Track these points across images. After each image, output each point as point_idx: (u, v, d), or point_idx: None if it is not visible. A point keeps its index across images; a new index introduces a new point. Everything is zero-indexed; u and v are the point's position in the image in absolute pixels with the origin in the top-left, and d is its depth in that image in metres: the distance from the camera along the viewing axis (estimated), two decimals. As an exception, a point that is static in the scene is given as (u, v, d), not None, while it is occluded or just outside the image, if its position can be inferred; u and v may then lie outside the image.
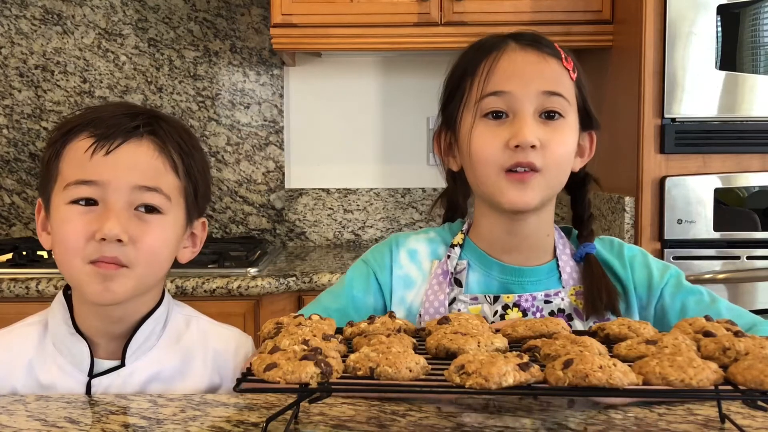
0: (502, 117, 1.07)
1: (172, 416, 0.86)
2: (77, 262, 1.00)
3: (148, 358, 1.07)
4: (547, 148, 1.05)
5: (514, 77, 1.07)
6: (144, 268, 1.02)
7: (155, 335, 1.08)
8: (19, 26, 2.61)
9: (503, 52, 1.09)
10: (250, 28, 2.64)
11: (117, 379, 1.04)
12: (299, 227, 2.69)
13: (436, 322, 0.89)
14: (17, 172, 2.64)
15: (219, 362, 1.10)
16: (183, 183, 1.06)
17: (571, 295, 1.12)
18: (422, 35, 2.29)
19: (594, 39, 2.29)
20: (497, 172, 1.06)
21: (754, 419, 0.84)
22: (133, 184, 1.01)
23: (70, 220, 1.01)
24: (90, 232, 0.99)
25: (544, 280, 1.12)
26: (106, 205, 1.01)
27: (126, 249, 1.00)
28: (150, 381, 1.05)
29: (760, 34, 2.04)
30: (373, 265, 1.18)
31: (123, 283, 1.01)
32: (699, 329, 0.84)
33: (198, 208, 1.11)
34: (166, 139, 1.05)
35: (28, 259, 2.13)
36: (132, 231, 1.00)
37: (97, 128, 1.02)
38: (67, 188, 1.02)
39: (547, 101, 1.06)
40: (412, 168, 2.71)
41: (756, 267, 2.04)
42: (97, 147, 1.01)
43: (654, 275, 1.14)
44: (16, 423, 0.85)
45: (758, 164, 2.06)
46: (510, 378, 0.69)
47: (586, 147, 1.17)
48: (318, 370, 0.70)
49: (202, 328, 1.13)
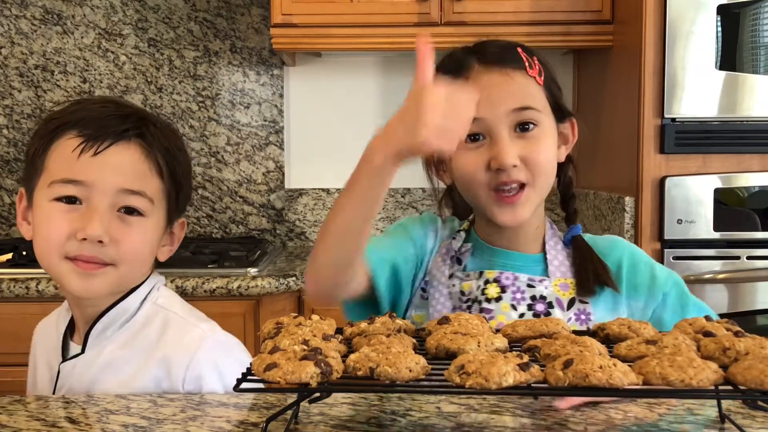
0: (480, 139, 1.10)
1: (172, 416, 0.86)
2: (56, 258, 1.03)
3: (107, 345, 1.08)
4: (530, 162, 1.08)
5: (483, 103, 1.06)
6: (125, 267, 1.04)
7: (117, 324, 1.08)
8: (19, 26, 2.61)
9: (469, 79, 1.11)
10: (250, 28, 2.64)
11: (76, 365, 1.07)
12: (299, 227, 2.69)
13: (436, 322, 0.89)
14: (17, 172, 2.63)
15: (167, 367, 1.05)
16: (166, 186, 1.08)
17: (555, 285, 1.13)
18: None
19: (594, 39, 2.29)
20: (486, 192, 1.10)
21: (754, 419, 0.84)
22: (118, 186, 1.03)
23: (53, 218, 1.02)
24: (72, 231, 1.01)
25: (530, 266, 1.15)
26: (90, 205, 1.02)
27: (106, 249, 1.02)
28: (104, 369, 1.06)
29: (760, 34, 2.04)
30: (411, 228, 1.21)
31: (103, 280, 1.03)
32: (699, 329, 0.84)
33: (178, 209, 1.13)
34: (153, 143, 1.06)
35: (28, 259, 2.13)
36: (113, 232, 1.02)
37: (86, 128, 1.03)
38: (53, 185, 1.03)
39: (519, 116, 1.09)
40: (412, 168, 2.69)
41: (756, 267, 2.04)
42: (85, 147, 1.02)
43: (658, 279, 1.15)
44: (16, 423, 0.85)
45: (758, 164, 2.06)
46: (510, 378, 0.69)
47: (569, 134, 1.19)
48: (318, 370, 0.70)
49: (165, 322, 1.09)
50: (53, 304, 1.94)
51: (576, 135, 1.20)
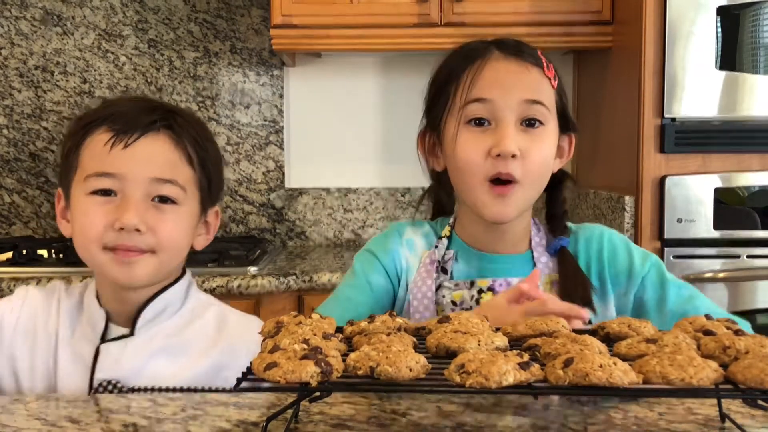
0: (485, 124, 1.10)
1: (172, 416, 0.86)
2: (95, 249, 1.06)
3: (158, 333, 1.11)
4: (527, 158, 1.08)
5: (496, 86, 1.10)
6: (164, 254, 1.08)
7: (169, 312, 1.13)
8: (19, 27, 2.61)
9: (487, 61, 1.11)
10: (250, 29, 2.64)
11: (125, 347, 1.10)
12: (299, 227, 2.69)
13: (437, 320, 0.89)
14: (17, 172, 2.64)
15: (231, 350, 1.11)
16: (197, 174, 1.11)
17: (546, 284, 1.14)
18: (422, 36, 2.29)
19: (594, 39, 2.29)
20: (481, 182, 1.10)
21: (754, 418, 0.84)
22: (150, 176, 1.06)
23: (90, 211, 1.06)
24: (109, 221, 1.05)
25: (518, 267, 1.15)
26: (125, 196, 1.06)
27: (144, 237, 1.06)
28: (157, 354, 1.10)
29: (760, 34, 2.04)
30: (376, 252, 1.21)
31: (144, 266, 1.07)
32: (699, 328, 0.84)
33: (212, 198, 1.16)
34: (181, 133, 1.10)
35: (28, 259, 2.13)
36: (149, 220, 1.06)
37: (115, 122, 1.07)
38: (87, 180, 1.07)
39: (529, 109, 1.09)
40: (412, 168, 2.66)
41: (756, 266, 2.04)
42: (115, 141, 1.06)
43: (635, 263, 1.16)
44: (16, 423, 0.85)
45: (758, 164, 2.06)
46: (510, 377, 0.69)
47: (565, 149, 1.20)
48: (318, 370, 0.70)
49: (221, 314, 1.16)
50: (53, 304, 1.96)
51: (572, 152, 1.20)
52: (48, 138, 2.63)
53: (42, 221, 2.62)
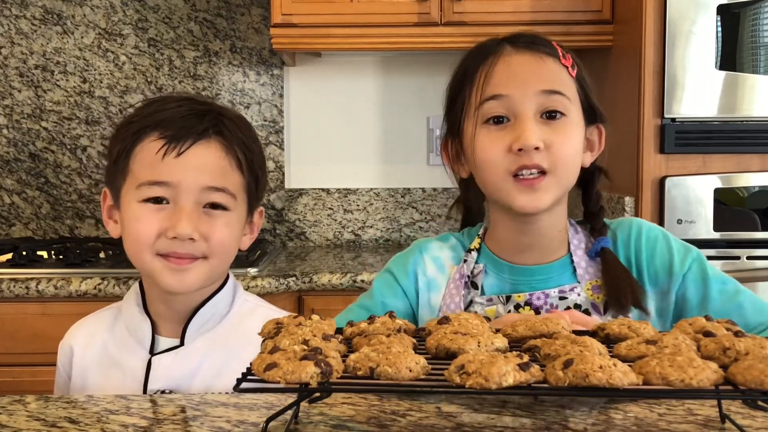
0: (504, 121, 1.05)
1: (172, 416, 0.86)
2: (148, 255, 1.07)
3: (207, 340, 1.12)
4: (552, 149, 1.03)
5: (510, 80, 1.05)
6: (215, 259, 1.09)
7: (216, 318, 1.13)
8: (19, 26, 2.61)
9: (499, 57, 1.08)
10: (250, 28, 2.64)
11: (175, 357, 1.11)
12: (299, 227, 2.69)
13: (436, 321, 0.89)
14: (17, 172, 2.63)
15: None
16: (246, 179, 1.12)
17: (588, 289, 1.09)
18: (422, 35, 2.29)
19: (594, 39, 2.29)
20: (504, 177, 1.05)
21: (754, 419, 0.84)
22: (202, 185, 1.07)
23: (143, 218, 1.07)
24: (161, 229, 1.06)
25: (555, 276, 1.11)
26: (177, 204, 1.06)
27: (197, 244, 1.07)
28: (205, 360, 1.10)
29: (760, 34, 2.04)
30: (396, 273, 1.19)
31: (196, 274, 1.08)
32: (699, 329, 0.83)
33: (258, 199, 1.17)
34: (231, 138, 1.10)
35: (28, 259, 2.13)
36: (202, 228, 1.07)
37: (167, 129, 1.07)
38: (140, 188, 1.07)
39: (547, 100, 1.05)
40: (412, 168, 2.71)
41: (756, 267, 2.04)
42: (168, 149, 1.06)
43: (675, 261, 1.11)
44: (16, 423, 0.85)
45: (758, 164, 2.06)
46: (510, 378, 0.69)
47: (595, 141, 1.14)
48: (318, 370, 0.70)
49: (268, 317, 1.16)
50: (53, 304, 1.97)
51: (603, 144, 1.15)
52: (48, 138, 2.63)
53: (42, 222, 2.61)
